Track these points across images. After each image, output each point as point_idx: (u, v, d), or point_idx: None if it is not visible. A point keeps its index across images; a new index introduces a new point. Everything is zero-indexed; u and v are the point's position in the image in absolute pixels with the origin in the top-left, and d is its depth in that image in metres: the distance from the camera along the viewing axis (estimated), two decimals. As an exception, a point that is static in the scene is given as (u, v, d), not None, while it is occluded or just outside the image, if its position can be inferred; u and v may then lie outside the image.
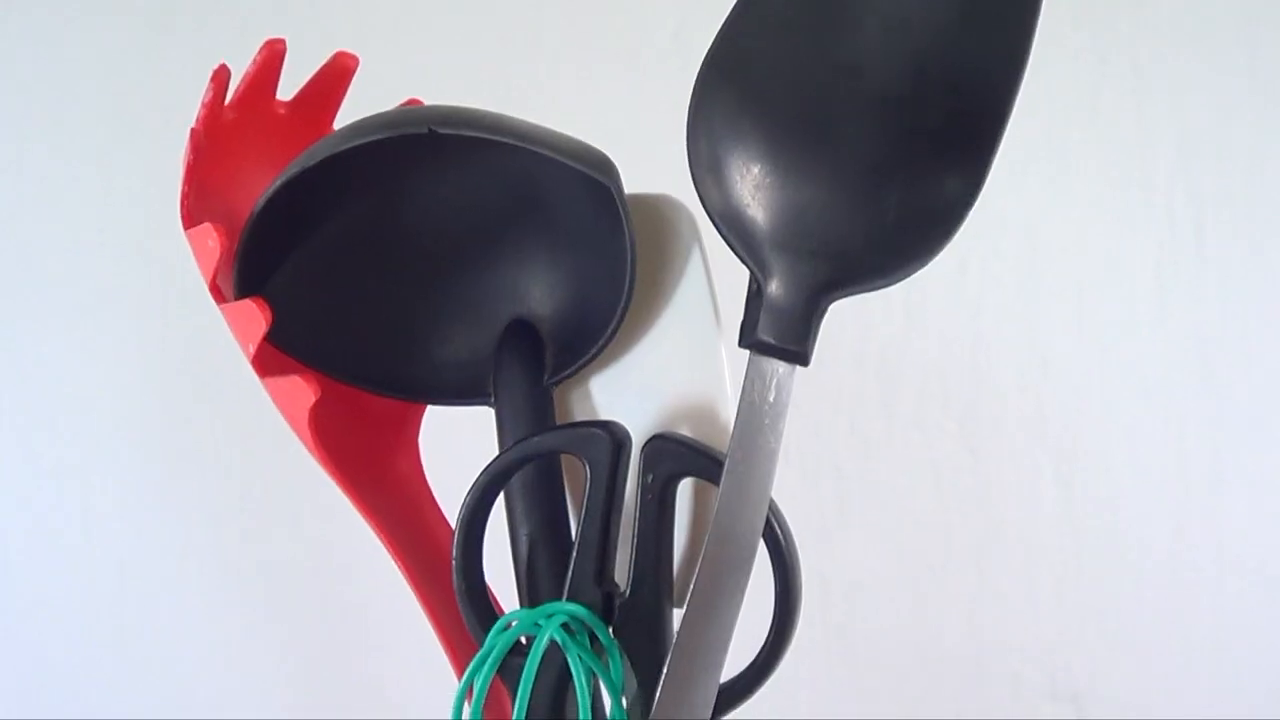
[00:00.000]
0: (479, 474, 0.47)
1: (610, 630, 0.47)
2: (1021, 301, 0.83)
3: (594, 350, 0.49)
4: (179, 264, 0.77)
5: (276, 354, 0.49)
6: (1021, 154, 0.80)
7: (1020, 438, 0.83)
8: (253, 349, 0.47)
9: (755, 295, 0.44)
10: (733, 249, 0.44)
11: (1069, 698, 0.85)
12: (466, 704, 0.48)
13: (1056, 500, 0.84)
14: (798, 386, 0.76)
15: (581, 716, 0.46)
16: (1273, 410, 0.83)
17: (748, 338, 0.44)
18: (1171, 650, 0.85)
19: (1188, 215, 0.81)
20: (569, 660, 0.45)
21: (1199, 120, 0.81)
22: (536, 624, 0.46)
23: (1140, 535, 0.84)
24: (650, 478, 0.45)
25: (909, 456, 0.84)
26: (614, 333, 0.48)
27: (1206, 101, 0.81)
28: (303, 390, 0.47)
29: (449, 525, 0.49)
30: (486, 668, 0.46)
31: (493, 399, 0.51)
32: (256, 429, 0.85)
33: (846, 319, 0.78)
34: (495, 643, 0.46)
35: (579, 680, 0.45)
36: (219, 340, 0.78)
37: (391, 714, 0.86)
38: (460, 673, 0.48)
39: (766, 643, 0.46)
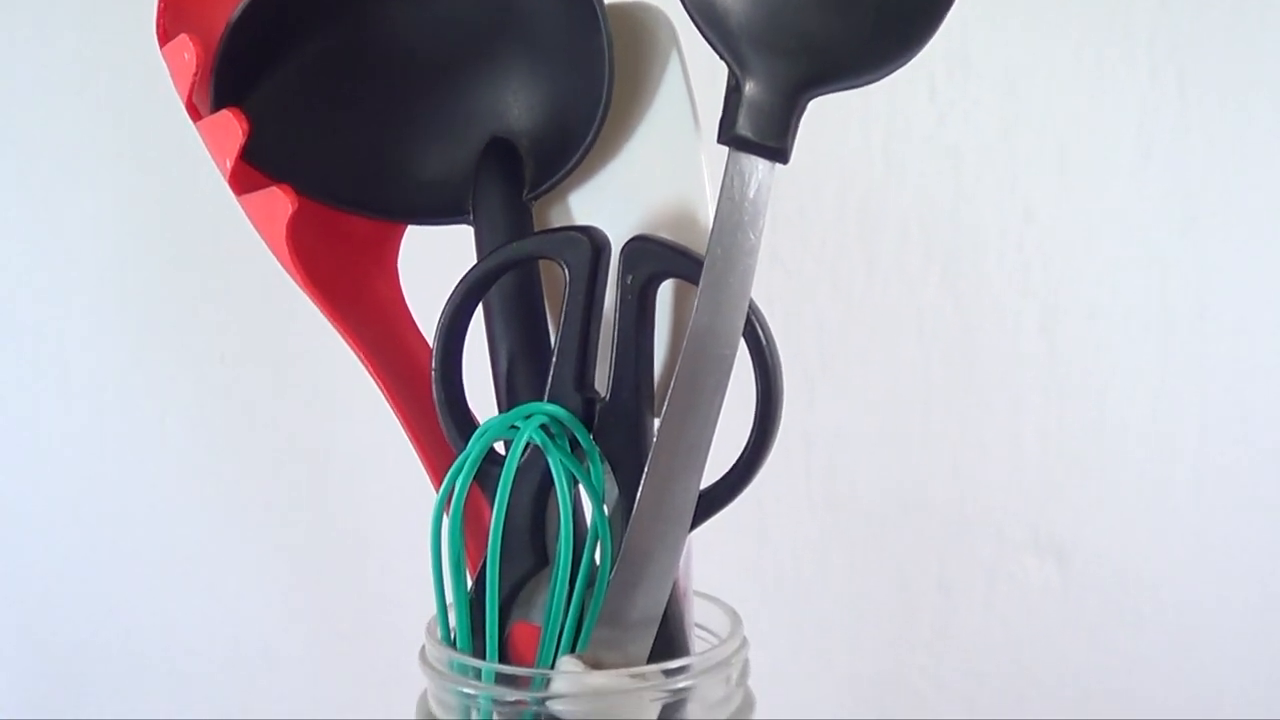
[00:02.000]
0: (457, 283, 0.47)
1: (590, 436, 0.46)
2: (1003, 150, 0.82)
3: (572, 163, 0.49)
4: (156, 118, 0.77)
5: (253, 173, 0.49)
6: (1000, 2, 0.80)
7: (1003, 288, 0.83)
8: (229, 164, 0.47)
9: (734, 90, 0.43)
10: (711, 44, 0.43)
11: (1052, 552, 0.85)
12: (446, 516, 0.47)
13: (1040, 351, 0.84)
14: (778, 238, 0.76)
15: (563, 522, 0.45)
16: (1256, 258, 0.83)
17: (726, 133, 0.43)
18: (1156, 504, 0.85)
19: (1170, 62, 0.81)
20: (549, 463, 0.45)
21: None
22: (514, 426, 0.46)
23: (1124, 387, 0.84)
24: (630, 279, 0.45)
25: (891, 307, 0.84)
26: (591, 144, 0.48)
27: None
28: (279, 201, 0.47)
29: (429, 346, 0.49)
30: (465, 472, 0.46)
31: (471, 217, 0.50)
32: (239, 289, 0.85)
33: (826, 170, 0.78)
34: (473, 446, 0.46)
35: (560, 484, 0.45)
36: (198, 198, 0.78)
37: (375, 574, 0.86)
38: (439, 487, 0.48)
39: (748, 444, 0.46)
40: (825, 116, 0.80)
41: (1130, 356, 0.85)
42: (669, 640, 0.47)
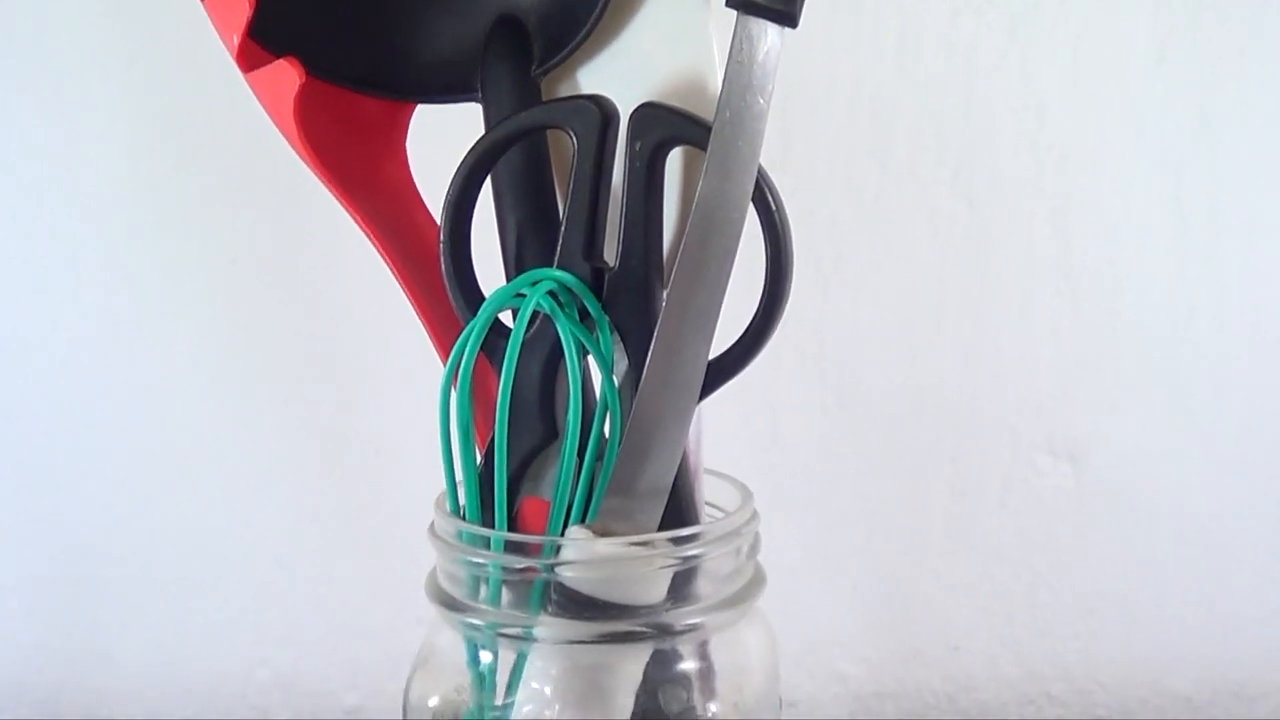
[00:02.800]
0: (466, 154, 0.47)
1: (600, 304, 0.46)
2: (1016, 49, 0.82)
3: (580, 37, 0.48)
4: (167, 16, 0.77)
5: (261, 52, 0.48)
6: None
7: (1016, 187, 0.83)
8: (237, 39, 0.47)
9: (742, -48, 0.43)
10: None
11: (1067, 453, 0.85)
12: (454, 389, 0.47)
13: (1053, 251, 0.84)
14: (790, 140, 0.76)
15: (572, 390, 0.45)
16: (1269, 158, 0.82)
17: (734, -3, 0.43)
18: (1171, 405, 0.85)
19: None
20: (558, 331, 0.45)
21: None
22: (521, 294, 0.46)
23: (1137, 288, 0.84)
24: (638, 145, 0.45)
25: (903, 208, 0.83)
26: (599, 17, 0.48)
27: None
28: (287, 75, 0.47)
29: (437, 225, 0.49)
30: (472, 340, 0.46)
31: (480, 94, 0.50)
32: (250, 191, 0.85)
33: (838, 72, 0.78)
34: (480, 315, 0.45)
35: (569, 353, 0.45)
36: (210, 100, 0.78)
37: (390, 477, 0.86)
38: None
39: (758, 311, 0.46)
40: (838, 16, 0.80)
41: (1143, 257, 0.84)
42: (678, 512, 0.47)
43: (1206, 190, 0.83)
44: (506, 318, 0.47)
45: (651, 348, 0.44)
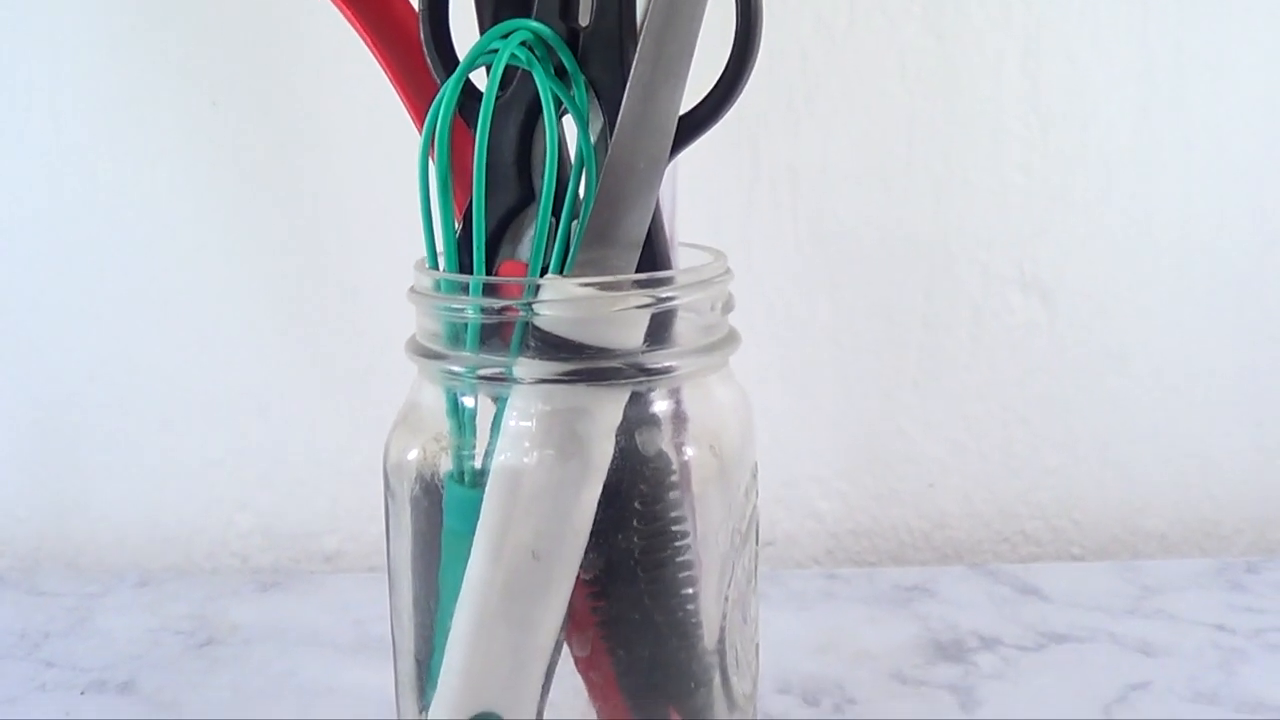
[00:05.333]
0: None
1: (575, 59, 0.47)
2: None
3: None
4: None
5: None
6: None
7: (985, 23, 0.83)
8: None
9: None
10: None
11: (1037, 290, 0.86)
12: (431, 162, 0.48)
13: (1022, 89, 0.84)
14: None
15: (549, 144, 0.46)
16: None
17: None
18: (1139, 240, 0.86)
19: None
20: (536, 80, 0.46)
21: None
22: (493, 50, 0.46)
23: (1105, 124, 0.85)
24: (608, -100, 0.45)
25: (874, 43, 0.84)
26: None
27: None
28: None
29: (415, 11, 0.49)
30: (447, 98, 0.46)
31: None
32: (229, 33, 0.85)
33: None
34: (458, 71, 0.46)
35: (546, 102, 0.46)
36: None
37: (369, 320, 0.87)
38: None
39: (729, 63, 0.46)
40: None
41: (1111, 94, 0.85)
42: (653, 265, 0.47)
43: (1172, 28, 0.84)
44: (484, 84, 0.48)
45: (625, 95, 0.45)
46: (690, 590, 0.49)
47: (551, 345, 0.45)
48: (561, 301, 0.45)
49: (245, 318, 0.87)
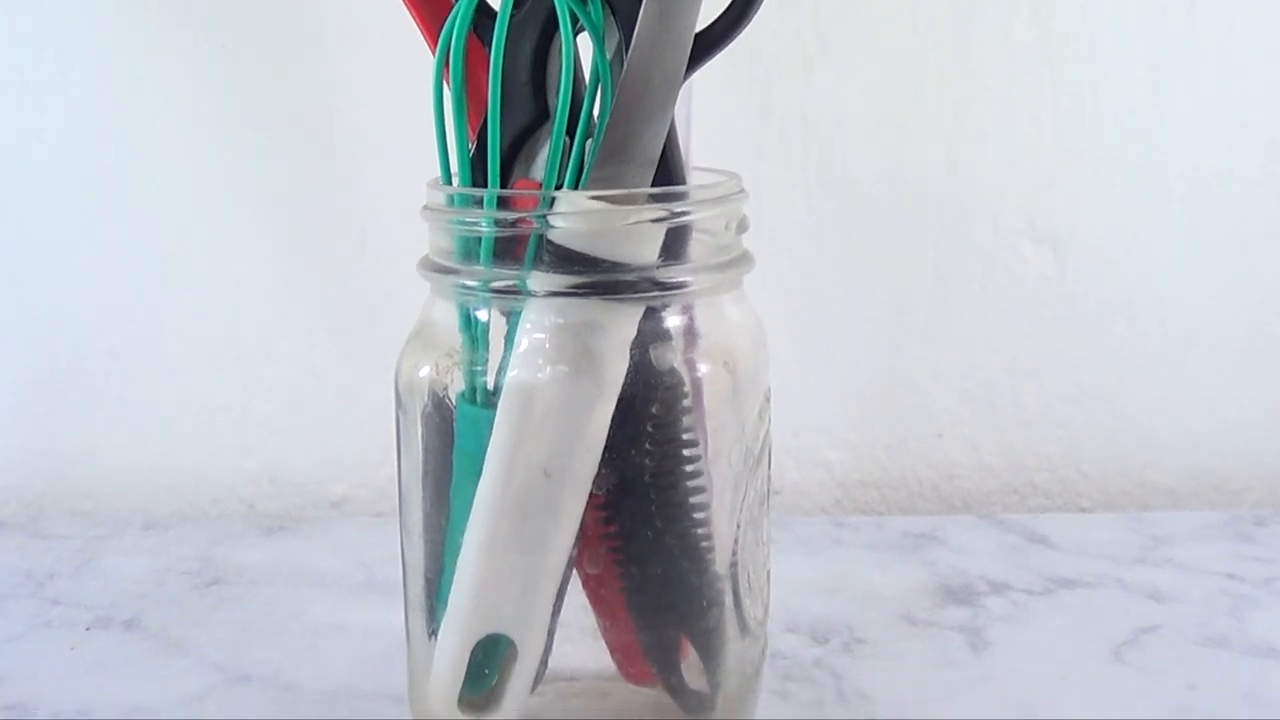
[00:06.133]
0: None
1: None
2: None
3: None
4: None
5: None
6: None
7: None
8: None
9: None
10: None
11: (1049, 240, 0.86)
12: (446, 85, 0.48)
13: (1033, 39, 0.84)
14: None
15: (564, 60, 0.46)
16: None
17: None
18: (1150, 192, 0.86)
19: None
20: (552, -2, 0.45)
21: None
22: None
23: (1117, 76, 0.84)
24: None
25: (886, -7, 0.83)
26: None
27: None
28: None
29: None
30: (461, 15, 0.46)
31: None
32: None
33: None
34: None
35: (562, 15, 0.45)
36: None
37: (375, 266, 0.87)
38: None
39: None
40: None
41: (1123, 46, 0.84)
42: (668, 182, 0.47)
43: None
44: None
45: (641, 11, 0.44)
46: (702, 511, 0.48)
47: (565, 259, 0.45)
48: (576, 214, 0.45)
49: (253, 265, 0.87)
